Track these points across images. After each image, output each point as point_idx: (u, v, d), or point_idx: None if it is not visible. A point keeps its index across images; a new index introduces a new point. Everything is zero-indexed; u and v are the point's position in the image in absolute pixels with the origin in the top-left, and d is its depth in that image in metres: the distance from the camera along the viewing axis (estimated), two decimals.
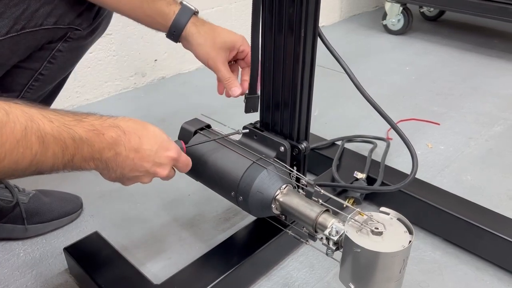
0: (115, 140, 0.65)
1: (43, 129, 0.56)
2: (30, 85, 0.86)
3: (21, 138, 0.54)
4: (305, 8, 0.75)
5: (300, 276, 0.95)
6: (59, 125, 0.59)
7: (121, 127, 0.66)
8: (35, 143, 0.55)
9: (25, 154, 0.55)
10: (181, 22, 0.88)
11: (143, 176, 0.71)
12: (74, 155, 0.61)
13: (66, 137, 0.59)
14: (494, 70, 1.96)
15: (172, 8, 0.88)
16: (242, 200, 0.79)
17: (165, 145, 0.72)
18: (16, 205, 1.00)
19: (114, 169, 0.67)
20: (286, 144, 0.84)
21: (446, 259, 0.99)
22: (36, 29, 0.79)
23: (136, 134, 0.68)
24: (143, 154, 0.68)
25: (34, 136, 0.55)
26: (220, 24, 0.90)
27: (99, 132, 0.63)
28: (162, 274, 0.93)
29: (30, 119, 0.55)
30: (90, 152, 0.62)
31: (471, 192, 1.19)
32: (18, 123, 0.54)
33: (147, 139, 0.69)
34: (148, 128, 0.70)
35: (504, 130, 1.50)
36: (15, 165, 0.55)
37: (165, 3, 0.88)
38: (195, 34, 0.88)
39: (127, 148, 0.66)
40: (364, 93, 0.88)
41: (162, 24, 0.89)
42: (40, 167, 0.58)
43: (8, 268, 0.96)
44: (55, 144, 0.58)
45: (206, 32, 0.89)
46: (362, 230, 0.64)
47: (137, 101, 1.69)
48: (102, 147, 0.63)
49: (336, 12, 2.61)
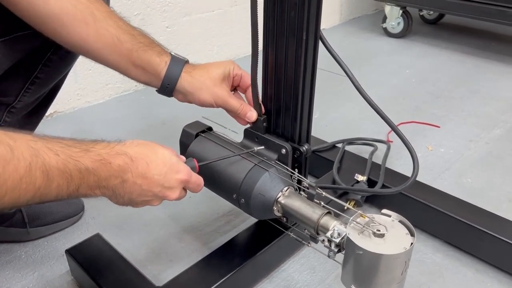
0: (122, 168, 0.65)
1: (48, 163, 0.56)
2: (27, 88, 0.84)
3: (24, 174, 0.54)
4: (306, 11, 0.75)
5: (301, 278, 0.95)
6: (65, 158, 0.58)
7: (128, 153, 0.66)
8: (39, 178, 0.55)
9: (28, 189, 0.55)
10: (175, 73, 0.82)
11: (153, 200, 0.71)
12: (80, 185, 0.61)
13: (72, 169, 0.59)
14: (493, 73, 1.97)
15: (163, 58, 0.82)
16: (244, 202, 0.79)
17: (175, 168, 0.71)
18: (18, 210, 1.00)
19: (122, 195, 0.67)
20: (288, 146, 0.84)
21: (446, 261, 0.99)
22: (31, 32, 0.77)
23: (144, 160, 0.67)
24: (151, 179, 0.68)
25: (38, 171, 0.55)
26: (221, 27, 0.90)
27: (106, 161, 0.63)
28: (163, 276, 0.94)
29: (36, 154, 0.55)
30: (96, 181, 0.62)
31: (472, 194, 1.19)
32: (22, 159, 0.53)
33: (155, 165, 0.68)
34: (157, 152, 0.69)
35: (504, 133, 1.50)
36: (17, 200, 0.55)
37: (155, 53, 0.81)
38: (191, 82, 0.83)
39: (134, 174, 0.66)
40: (365, 95, 0.88)
41: (153, 76, 0.82)
42: (43, 199, 0.58)
43: (10, 270, 0.96)
44: (60, 177, 0.58)
45: (201, 75, 0.84)
46: (364, 232, 0.64)
47: (138, 103, 1.69)
48: (109, 175, 0.63)
49: (336, 15, 2.62)
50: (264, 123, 0.88)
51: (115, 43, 0.77)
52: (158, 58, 0.81)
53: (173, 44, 1.81)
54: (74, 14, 0.73)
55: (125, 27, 0.79)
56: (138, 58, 0.79)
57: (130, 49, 0.78)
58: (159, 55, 0.82)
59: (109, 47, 0.77)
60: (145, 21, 0.87)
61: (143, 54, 0.79)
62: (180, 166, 0.72)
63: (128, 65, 0.80)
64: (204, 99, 0.84)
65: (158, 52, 0.82)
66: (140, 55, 0.79)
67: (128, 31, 0.79)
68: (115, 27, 0.77)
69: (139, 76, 0.82)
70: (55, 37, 0.76)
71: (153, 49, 0.81)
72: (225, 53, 2.05)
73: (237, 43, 2.09)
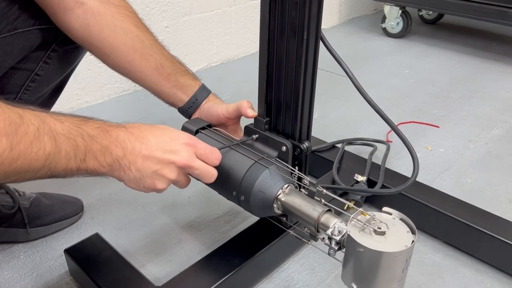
0: (119, 136, 0.66)
1: (55, 130, 0.59)
2: (27, 86, 0.85)
3: (34, 139, 0.56)
4: (307, 11, 0.75)
5: (301, 278, 0.95)
6: (69, 125, 0.61)
7: (122, 124, 0.69)
8: (48, 143, 0.58)
9: (39, 154, 0.57)
10: (201, 96, 0.93)
11: (161, 171, 0.68)
12: (86, 155, 0.62)
13: (76, 135, 0.61)
14: (493, 73, 1.97)
15: (197, 82, 0.93)
16: (244, 199, 0.79)
17: (175, 134, 0.72)
18: (18, 210, 1.00)
19: (128, 166, 0.66)
20: (288, 143, 0.84)
21: (446, 261, 0.99)
22: (30, 29, 0.78)
23: (139, 129, 0.69)
24: (149, 143, 0.68)
25: (46, 137, 0.58)
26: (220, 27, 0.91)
27: (104, 130, 0.65)
28: (163, 276, 0.94)
29: (42, 121, 0.58)
30: (100, 150, 0.64)
31: (471, 194, 1.19)
32: (31, 124, 0.56)
33: (150, 132, 0.69)
34: (151, 125, 0.72)
35: (503, 133, 1.50)
36: (28, 165, 0.56)
37: (191, 78, 0.93)
38: (211, 104, 0.93)
39: (132, 141, 0.67)
40: (365, 95, 0.88)
41: (179, 98, 0.92)
42: (53, 168, 0.59)
43: (9, 270, 0.96)
44: (67, 143, 0.60)
45: (221, 103, 0.94)
46: (364, 230, 0.64)
47: (137, 103, 1.69)
48: (109, 143, 0.65)
49: (335, 15, 2.62)
50: (266, 126, 0.88)
51: (157, 67, 0.88)
52: (193, 82, 0.93)
53: (172, 44, 1.81)
54: (125, 42, 0.85)
55: (167, 54, 0.91)
56: (176, 81, 0.91)
57: (170, 73, 0.90)
58: (193, 80, 0.94)
59: (151, 70, 0.88)
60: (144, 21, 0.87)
61: (180, 77, 0.91)
62: (180, 133, 0.73)
63: (164, 87, 0.91)
64: (216, 110, 0.91)
65: (193, 77, 0.94)
66: (178, 78, 0.91)
67: (169, 58, 0.90)
68: (159, 53, 0.89)
69: (171, 96, 0.92)
70: (104, 59, 0.87)
71: (189, 74, 0.93)
72: (224, 53, 2.05)
73: (236, 43, 2.09)
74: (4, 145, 0.53)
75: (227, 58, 2.09)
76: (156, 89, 0.91)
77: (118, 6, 0.85)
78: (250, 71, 1.89)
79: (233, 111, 0.89)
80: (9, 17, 0.75)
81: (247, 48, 2.15)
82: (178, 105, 0.94)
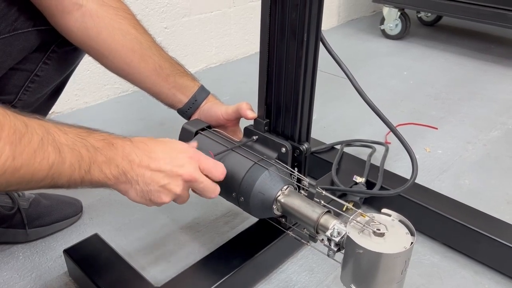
0: (125, 149, 0.66)
1: (59, 140, 0.58)
2: (26, 87, 0.85)
3: (38, 148, 0.55)
4: (308, 13, 0.75)
5: (299, 279, 0.95)
6: (73, 136, 0.60)
7: (130, 139, 0.68)
8: (51, 154, 0.57)
9: (42, 164, 0.56)
10: (200, 97, 0.93)
11: (168, 185, 0.69)
12: (91, 166, 0.61)
13: (80, 147, 0.60)
14: (491, 75, 1.98)
15: (196, 83, 0.93)
16: (243, 201, 0.79)
17: (178, 147, 0.72)
18: (17, 211, 1.00)
19: (135, 179, 0.66)
20: (288, 145, 0.84)
21: (445, 263, 1.00)
22: (29, 30, 0.78)
23: (144, 143, 0.69)
24: (156, 157, 0.68)
25: (50, 147, 0.57)
26: (219, 28, 0.92)
27: (110, 142, 0.65)
28: (162, 277, 0.94)
29: (47, 131, 0.57)
30: (104, 161, 0.63)
31: (469, 196, 1.19)
32: (35, 134, 0.56)
33: (156, 145, 0.69)
34: (156, 138, 0.72)
35: (502, 135, 1.51)
36: (31, 175, 0.56)
37: (190, 79, 0.93)
38: (210, 105, 0.93)
39: (139, 154, 0.66)
40: (364, 97, 0.88)
41: (179, 99, 0.93)
42: (56, 179, 0.59)
43: (8, 271, 0.96)
44: (71, 154, 0.59)
45: (220, 104, 0.94)
46: (364, 231, 0.64)
47: (136, 104, 1.69)
48: (114, 155, 0.64)
49: (334, 16, 2.62)
50: (266, 127, 0.88)
51: (156, 68, 0.88)
52: (192, 82, 0.93)
53: (171, 45, 1.81)
54: (123, 43, 0.85)
55: (166, 55, 0.91)
56: (174, 82, 0.91)
57: (169, 74, 0.90)
58: (192, 81, 0.93)
59: (150, 71, 0.88)
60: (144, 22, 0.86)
61: (179, 78, 0.91)
62: (184, 145, 0.73)
63: (163, 88, 0.91)
64: (215, 111, 0.92)
65: (191, 78, 0.94)
66: (176, 79, 0.91)
67: (168, 59, 0.90)
68: (157, 55, 0.89)
69: (170, 97, 0.92)
70: (102, 61, 0.87)
71: (187, 75, 0.93)
72: (223, 54, 2.05)
73: (235, 44, 2.09)
74: (7, 153, 0.52)
75: (226, 59, 2.09)
76: (155, 90, 0.91)
77: (116, 8, 0.85)
78: (249, 72, 1.89)
79: (233, 112, 0.89)
80: (9, 18, 0.75)
81: (246, 49, 2.15)
82: (177, 106, 0.94)
